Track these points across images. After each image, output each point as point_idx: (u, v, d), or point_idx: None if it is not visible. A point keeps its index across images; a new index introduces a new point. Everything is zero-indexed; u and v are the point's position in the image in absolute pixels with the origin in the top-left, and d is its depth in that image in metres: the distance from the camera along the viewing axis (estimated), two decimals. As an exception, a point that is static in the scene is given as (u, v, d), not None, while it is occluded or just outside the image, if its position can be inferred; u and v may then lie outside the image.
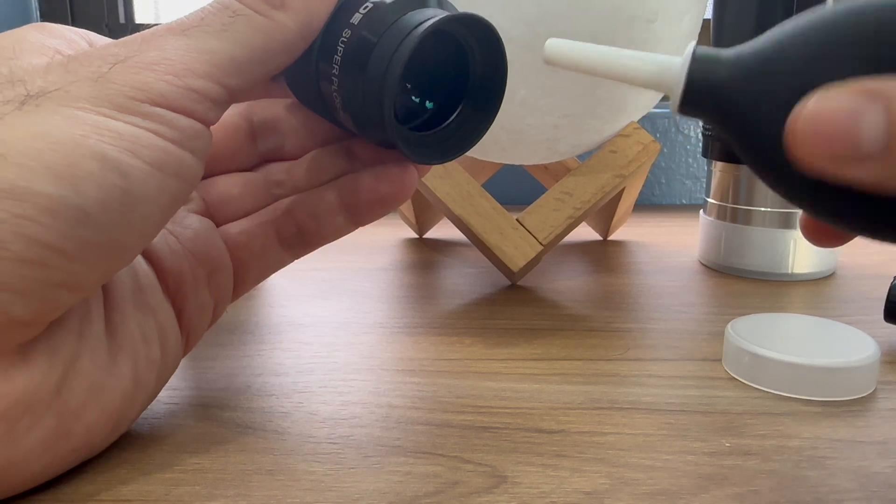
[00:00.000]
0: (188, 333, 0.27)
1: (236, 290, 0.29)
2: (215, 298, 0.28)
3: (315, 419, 0.28)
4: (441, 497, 0.23)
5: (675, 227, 0.63)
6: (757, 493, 0.23)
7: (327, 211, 0.28)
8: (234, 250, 0.28)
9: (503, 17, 0.37)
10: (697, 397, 0.30)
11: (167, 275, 0.26)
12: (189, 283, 0.27)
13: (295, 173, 0.29)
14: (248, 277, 0.29)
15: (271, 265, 0.29)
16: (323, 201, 0.28)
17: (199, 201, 0.28)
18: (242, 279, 0.29)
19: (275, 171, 0.29)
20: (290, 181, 0.29)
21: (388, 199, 0.27)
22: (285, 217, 0.28)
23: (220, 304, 0.28)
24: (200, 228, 0.27)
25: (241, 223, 0.28)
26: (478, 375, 0.32)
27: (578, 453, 0.25)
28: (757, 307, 0.41)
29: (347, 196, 0.27)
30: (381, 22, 0.24)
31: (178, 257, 0.26)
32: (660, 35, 0.40)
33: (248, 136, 0.29)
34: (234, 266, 0.28)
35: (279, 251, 0.29)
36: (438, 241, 0.58)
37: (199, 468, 0.24)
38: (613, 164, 0.43)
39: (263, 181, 0.29)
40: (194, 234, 0.27)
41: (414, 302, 0.43)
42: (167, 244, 0.27)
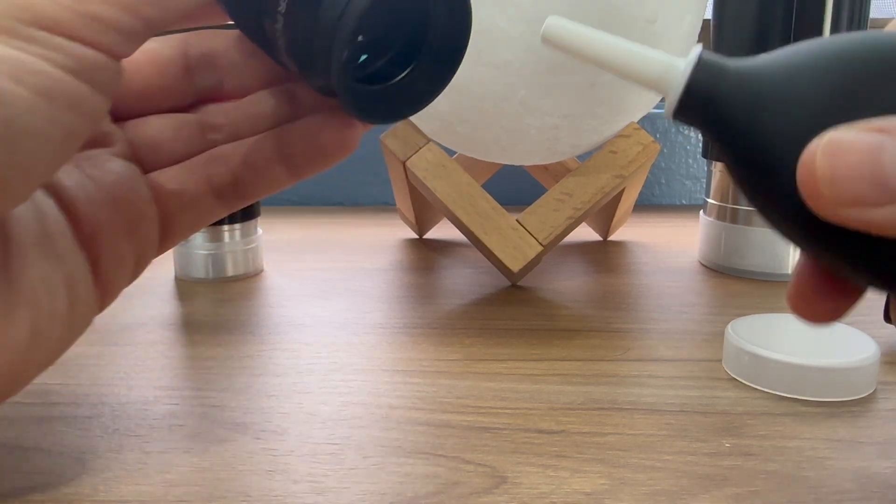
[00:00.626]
0: (104, 286, 0.25)
1: (163, 242, 0.26)
2: (137, 250, 0.25)
3: (315, 420, 0.28)
4: (441, 497, 0.23)
5: (675, 228, 0.63)
6: (757, 493, 0.23)
7: (264, 160, 0.26)
8: (162, 199, 0.26)
9: (503, 17, 0.37)
10: (697, 398, 0.30)
11: (81, 222, 0.24)
12: (106, 231, 0.24)
13: (234, 117, 0.27)
14: (176, 229, 0.26)
15: (203, 217, 0.27)
16: (260, 150, 0.26)
17: (125, 144, 0.26)
18: (170, 230, 0.26)
19: (212, 113, 0.27)
20: (229, 126, 0.27)
21: (328, 152, 0.25)
22: (219, 165, 0.26)
23: (144, 256, 0.26)
24: (123, 174, 0.25)
25: (172, 170, 0.26)
26: (478, 375, 0.32)
27: (578, 454, 0.25)
28: (757, 307, 0.41)
29: (285, 145, 0.26)
30: None
31: (94, 204, 0.24)
32: (660, 35, 0.40)
33: (182, 70, 0.26)
34: (161, 216, 0.26)
35: (212, 202, 0.26)
36: (438, 241, 0.58)
37: (198, 468, 0.24)
38: (613, 164, 0.43)
39: (198, 124, 0.27)
40: (115, 180, 0.25)
41: (414, 302, 0.43)
42: (83, 189, 0.24)
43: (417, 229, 0.59)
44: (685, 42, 0.43)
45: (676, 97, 0.19)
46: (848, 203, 0.16)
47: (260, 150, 0.26)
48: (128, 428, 0.27)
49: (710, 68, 0.19)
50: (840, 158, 0.16)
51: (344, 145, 0.25)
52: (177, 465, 0.25)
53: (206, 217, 0.27)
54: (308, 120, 0.25)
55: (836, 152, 0.16)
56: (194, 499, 0.23)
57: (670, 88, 0.19)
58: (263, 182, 0.26)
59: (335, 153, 0.25)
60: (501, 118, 0.41)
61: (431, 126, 0.43)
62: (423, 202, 0.54)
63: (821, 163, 0.16)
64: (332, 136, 0.25)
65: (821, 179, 0.16)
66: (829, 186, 0.16)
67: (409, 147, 0.43)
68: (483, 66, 0.39)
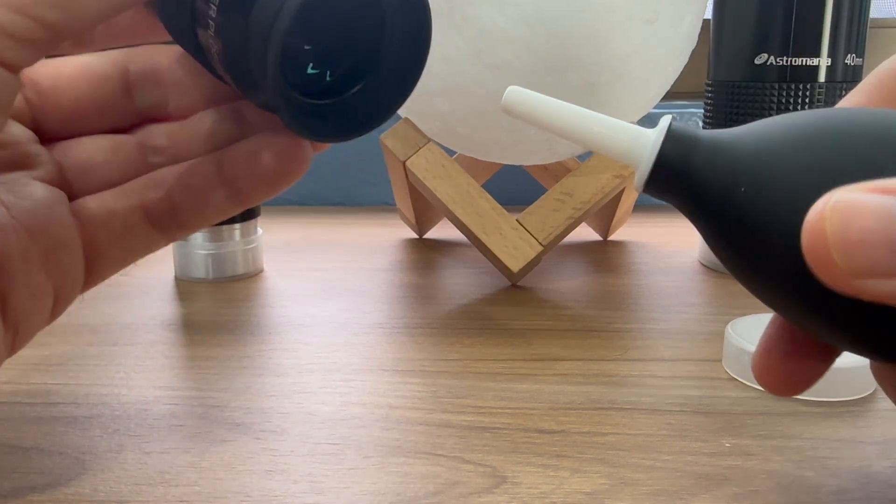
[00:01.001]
0: (16, 325, 0.22)
1: (90, 276, 0.23)
2: (56, 283, 0.23)
3: (315, 420, 0.28)
4: (441, 497, 0.23)
5: (675, 227, 0.63)
6: (757, 493, 0.23)
7: (204, 184, 0.23)
8: (88, 227, 0.23)
9: (503, 17, 0.37)
10: (697, 397, 0.30)
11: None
12: (17, 262, 0.22)
13: (177, 138, 0.24)
14: (104, 261, 0.23)
15: (136, 247, 0.24)
16: (200, 173, 0.23)
17: (52, 167, 0.23)
18: (97, 263, 0.23)
19: (154, 134, 0.24)
20: (172, 148, 0.24)
21: (271, 175, 0.22)
22: (156, 190, 0.23)
23: (64, 291, 0.23)
24: (43, 199, 0.22)
25: (102, 196, 0.23)
26: (478, 375, 0.32)
27: (578, 453, 0.25)
28: (757, 307, 0.41)
29: (227, 167, 0.23)
30: None
31: (4, 231, 0.21)
32: (660, 35, 0.40)
33: (121, 88, 0.24)
34: (87, 246, 0.23)
35: (148, 231, 0.23)
36: (438, 241, 0.58)
37: (198, 468, 0.24)
38: (613, 164, 0.43)
39: (138, 146, 0.24)
40: (33, 206, 0.22)
41: (414, 302, 0.43)
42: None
43: (417, 229, 0.59)
44: (685, 42, 0.43)
45: (647, 169, 0.18)
46: (866, 273, 0.14)
47: (200, 174, 0.23)
48: (128, 428, 0.27)
49: (681, 139, 0.18)
50: (853, 222, 0.14)
51: (289, 167, 0.22)
52: (177, 465, 0.25)
53: (139, 248, 0.24)
54: (250, 140, 0.23)
55: (848, 215, 0.14)
56: (194, 499, 0.23)
57: (640, 160, 0.19)
58: (204, 209, 0.23)
59: (280, 176, 0.22)
60: (501, 118, 0.41)
61: (431, 126, 0.43)
62: (423, 202, 0.54)
63: (831, 228, 0.14)
64: (274, 156, 0.22)
65: (833, 247, 0.14)
66: (843, 255, 0.14)
67: (409, 147, 0.43)
68: (483, 67, 0.39)
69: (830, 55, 0.42)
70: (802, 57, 0.42)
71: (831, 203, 0.14)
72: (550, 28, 0.38)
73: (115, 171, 0.24)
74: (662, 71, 0.42)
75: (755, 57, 0.43)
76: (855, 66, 0.43)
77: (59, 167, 0.24)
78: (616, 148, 0.19)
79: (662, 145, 0.18)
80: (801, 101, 0.42)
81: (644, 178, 0.19)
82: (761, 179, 0.17)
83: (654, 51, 0.41)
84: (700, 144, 0.18)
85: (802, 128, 0.17)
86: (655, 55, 0.41)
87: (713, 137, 0.18)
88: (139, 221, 0.23)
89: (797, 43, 0.42)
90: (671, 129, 0.18)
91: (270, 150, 0.22)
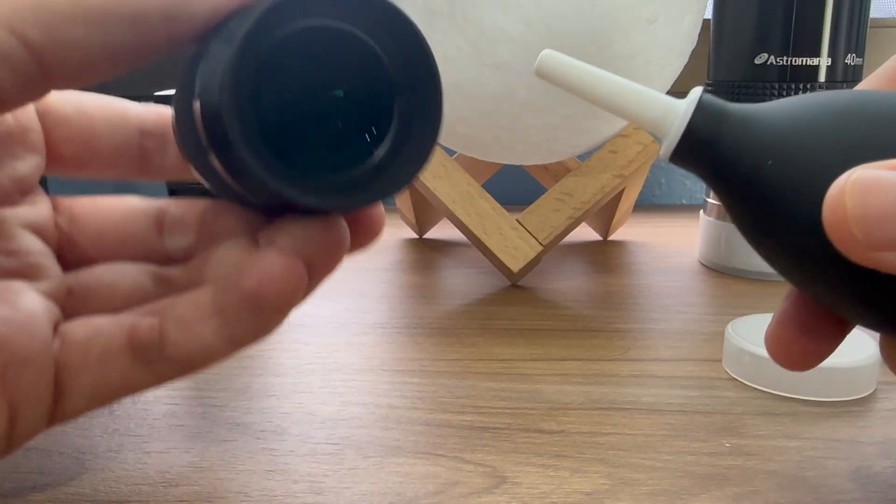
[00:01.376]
0: None
1: (60, 404, 0.20)
2: (12, 402, 0.19)
3: (315, 420, 0.28)
4: (441, 497, 0.23)
5: (675, 227, 0.63)
6: (757, 493, 0.23)
7: (195, 315, 0.20)
8: (64, 348, 0.20)
9: (503, 17, 0.37)
10: (697, 398, 0.30)
11: None
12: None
13: (193, 269, 0.22)
14: (74, 388, 0.20)
15: (112, 380, 0.20)
16: (195, 301, 0.20)
17: (58, 283, 0.21)
18: (68, 389, 0.20)
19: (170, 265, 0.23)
20: (185, 279, 0.22)
21: (255, 299, 0.19)
22: (147, 318, 0.20)
23: (22, 413, 0.19)
24: (29, 310, 0.20)
25: (92, 318, 0.21)
26: (478, 375, 0.32)
27: (578, 454, 0.25)
28: (757, 307, 0.41)
29: (220, 294, 0.19)
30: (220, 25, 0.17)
31: None
32: (660, 35, 0.40)
33: (155, 229, 0.23)
34: (59, 369, 0.20)
35: (128, 362, 0.20)
36: (438, 241, 0.58)
37: (198, 468, 0.24)
38: (613, 164, 0.43)
39: (151, 275, 0.22)
40: (8, 314, 0.19)
41: (414, 302, 0.43)
42: None
43: (417, 229, 0.59)
44: (685, 42, 0.43)
45: (676, 139, 0.19)
46: (883, 246, 0.15)
47: (194, 302, 0.20)
48: (128, 428, 0.27)
49: (711, 111, 0.19)
50: (872, 198, 0.15)
51: (275, 288, 0.19)
52: (176, 465, 0.25)
53: (115, 381, 0.20)
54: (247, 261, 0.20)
55: (867, 191, 0.15)
56: (194, 499, 0.23)
57: (669, 130, 0.19)
58: (193, 344, 0.20)
59: (266, 301, 0.19)
60: (501, 118, 0.41)
61: (431, 126, 0.43)
62: (423, 202, 0.54)
63: (851, 203, 0.15)
64: (257, 275, 0.19)
65: (852, 220, 0.15)
66: (862, 228, 0.15)
67: (409, 147, 0.43)
68: (483, 67, 0.39)
69: (830, 55, 0.42)
70: (802, 57, 0.42)
71: (852, 179, 0.15)
72: (551, 28, 0.38)
73: (120, 296, 0.22)
74: (662, 71, 0.42)
75: (755, 57, 0.43)
76: (855, 66, 0.43)
77: (66, 286, 0.22)
78: (647, 116, 0.19)
79: (693, 116, 0.19)
80: (801, 101, 0.42)
81: (672, 146, 0.19)
82: (788, 154, 0.17)
83: (654, 51, 0.41)
84: (729, 117, 0.19)
85: (829, 106, 0.18)
86: (655, 55, 0.41)
87: (742, 111, 0.19)
88: (119, 349, 0.20)
89: (797, 43, 0.42)
90: (702, 100, 0.19)
91: (253, 268, 0.19)
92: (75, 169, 0.23)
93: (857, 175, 0.15)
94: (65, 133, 0.23)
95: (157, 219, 0.23)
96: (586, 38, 0.38)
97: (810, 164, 0.17)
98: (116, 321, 0.20)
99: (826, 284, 0.18)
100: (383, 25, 0.18)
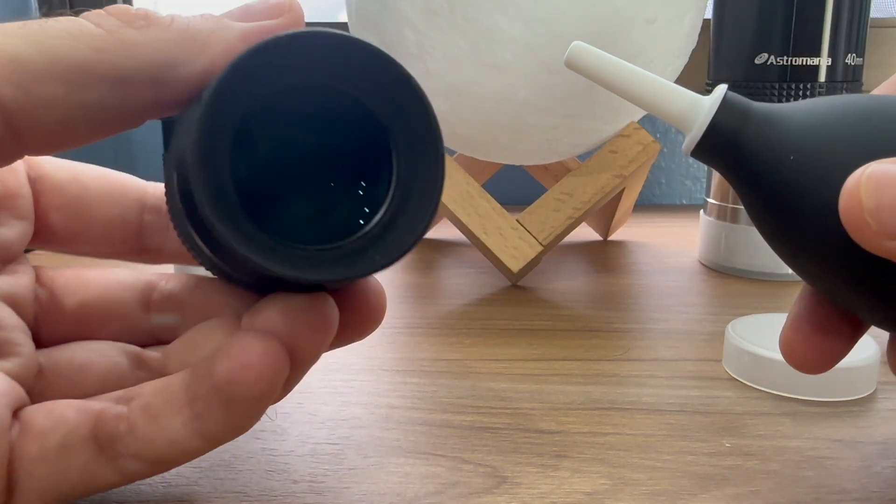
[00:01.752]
0: None
1: (11, 499, 0.18)
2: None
3: (315, 420, 0.28)
4: (441, 497, 0.23)
5: (675, 227, 0.63)
6: (757, 493, 0.23)
7: (166, 404, 0.18)
8: (22, 436, 0.18)
9: (503, 17, 0.38)
10: (697, 398, 0.30)
11: None
12: None
13: (171, 352, 0.21)
14: (29, 481, 0.18)
15: (74, 474, 0.18)
16: (167, 390, 0.18)
17: (28, 362, 0.20)
18: (21, 482, 0.18)
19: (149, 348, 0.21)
20: (163, 362, 0.21)
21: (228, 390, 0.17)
22: (115, 406, 0.18)
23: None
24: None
25: (57, 403, 0.19)
26: (478, 375, 0.32)
27: (578, 454, 0.25)
28: (757, 307, 0.41)
29: (193, 385, 0.18)
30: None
31: None
32: (660, 35, 0.40)
33: (141, 305, 0.22)
34: (14, 459, 0.18)
35: (91, 456, 0.18)
36: (438, 241, 0.58)
37: (198, 468, 0.24)
38: (613, 164, 0.43)
39: (129, 356, 0.21)
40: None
41: (414, 302, 0.43)
42: None
43: (417, 229, 0.59)
44: (685, 42, 0.43)
45: (699, 134, 0.19)
46: (894, 235, 0.16)
47: (165, 390, 0.18)
48: (128, 428, 0.27)
49: (735, 107, 0.19)
50: (885, 190, 0.16)
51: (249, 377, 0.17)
52: (177, 465, 0.25)
53: (74, 477, 0.18)
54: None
55: (881, 184, 0.16)
56: (194, 499, 0.23)
57: (694, 124, 0.20)
58: (160, 439, 0.18)
59: (239, 391, 0.17)
60: (501, 118, 0.41)
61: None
62: (423, 202, 0.54)
63: (865, 194, 0.16)
64: (229, 362, 0.17)
65: (867, 210, 0.16)
66: (876, 218, 0.16)
67: (409, 147, 0.43)
68: (483, 67, 0.39)
69: (831, 55, 0.42)
70: (803, 56, 0.42)
71: (867, 172, 0.16)
72: (551, 28, 0.38)
73: (93, 379, 0.20)
74: (662, 71, 0.42)
75: (755, 57, 0.43)
76: (855, 66, 0.43)
77: (37, 364, 0.20)
78: (672, 110, 0.20)
79: (718, 111, 0.19)
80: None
81: (696, 140, 0.20)
82: (810, 149, 0.18)
83: (654, 51, 0.41)
84: (752, 115, 0.19)
85: (848, 108, 0.19)
86: (656, 55, 0.41)
87: (765, 109, 0.19)
88: (83, 439, 0.18)
89: (797, 42, 0.42)
90: (727, 97, 0.19)
91: (225, 357, 0.17)
92: (66, 242, 0.22)
93: (871, 169, 0.16)
94: (56, 201, 0.21)
95: (144, 294, 0.22)
96: (586, 38, 0.38)
97: (830, 159, 0.18)
98: (83, 408, 0.18)
99: (842, 277, 0.19)
100: (375, 80, 0.17)
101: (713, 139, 0.19)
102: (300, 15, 0.18)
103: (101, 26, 0.16)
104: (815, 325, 0.21)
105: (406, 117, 0.17)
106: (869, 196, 0.16)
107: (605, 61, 0.21)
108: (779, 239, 0.20)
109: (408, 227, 0.18)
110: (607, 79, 0.21)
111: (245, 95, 0.16)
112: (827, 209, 0.17)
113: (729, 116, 0.19)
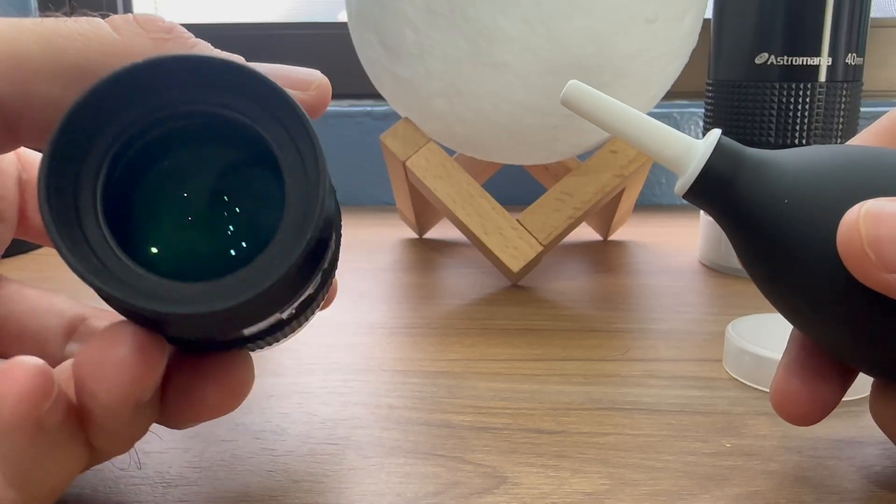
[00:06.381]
0: None
1: None
2: None
3: (315, 420, 0.28)
4: (441, 497, 0.23)
5: (676, 227, 0.63)
6: (758, 493, 0.23)
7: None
8: None
9: (503, 17, 0.37)
10: (698, 398, 0.30)
11: None
12: None
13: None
14: None
15: None
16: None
17: None
18: None
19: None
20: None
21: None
22: None
23: None
24: None
25: None
26: (478, 375, 0.32)
27: (579, 454, 0.25)
28: (757, 307, 0.41)
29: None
30: None
31: None
32: (660, 35, 0.40)
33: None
34: None
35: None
36: (438, 241, 0.58)
37: (197, 468, 0.24)
38: (613, 164, 0.43)
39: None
40: None
41: (414, 302, 0.43)
42: None
43: (417, 229, 0.59)
44: (685, 42, 0.43)
45: (693, 176, 0.20)
46: (894, 267, 0.16)
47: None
48: (127, 428, 0.27)
49: (728, 152, 0.20)
50: (882, 224, 0.16)
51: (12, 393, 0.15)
52: (176, 465, 0.25)
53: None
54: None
55: (878, 219, 0.16)
56: (193, 499, 0.23)
57: (688, 168, 0.20)
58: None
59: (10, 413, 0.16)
60: (501, 118, 0.41)
61: (431, 126, 0.43)
62: (423, 202, 0.54)
63: (865, 226, 0.16)
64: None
65: (867, 242, 0.16)
66: (875, 249, 0.16)
67: (409, 147, 0.43)
68: (483, 67, 0.39)
69: (831, 55, 0.42)
70: (803, 56, 0.42)
71: (865, 208, 0.16)
72: (551, 28, 0.38)
73: None
74: (663, 71, 0.42)
75: (755, 56, 0.43)
76: (856, 66, 0.43)
77: None
78: (666, 153, 0.21)
79: (711, 156, 0.20)
80: (801, 100, 0.42)
81: (688, 183, 0.20)
82: (804, 193, 0.19)
83: (654, 51, 0.41)
84: (745, 160, 0.20)
85: (835, 154, 0.19)
86: (656, 55, 0.41)
87: (758, 155, 0.20)
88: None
89: (797, 42, 0.42)
90: (720, 142, 0.20)
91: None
92: (43, 238, 0.22)
93: (869, 205, 0.17)
94: None
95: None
96: (586, 38, 0.38)
97: (825, 202, 0.18)
98: None
99: (836, 319, 0.19)
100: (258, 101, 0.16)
101: (706, 183, 0.20)
102: (327, 93, 0.18)
103: (119, 32, 0.16)
104: (806, 375, 0.21)
105: (291, 139, 0.16)
106: (868, 228, 0.16)
107: (601, 102, 0.21)
108: (772, 282, 0.20)
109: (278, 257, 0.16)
110: (603, 119, 0.21)
111: (111, 120, 0.16)
112: (823, 250, 0.18)
113: (722, 161, 0.20)
